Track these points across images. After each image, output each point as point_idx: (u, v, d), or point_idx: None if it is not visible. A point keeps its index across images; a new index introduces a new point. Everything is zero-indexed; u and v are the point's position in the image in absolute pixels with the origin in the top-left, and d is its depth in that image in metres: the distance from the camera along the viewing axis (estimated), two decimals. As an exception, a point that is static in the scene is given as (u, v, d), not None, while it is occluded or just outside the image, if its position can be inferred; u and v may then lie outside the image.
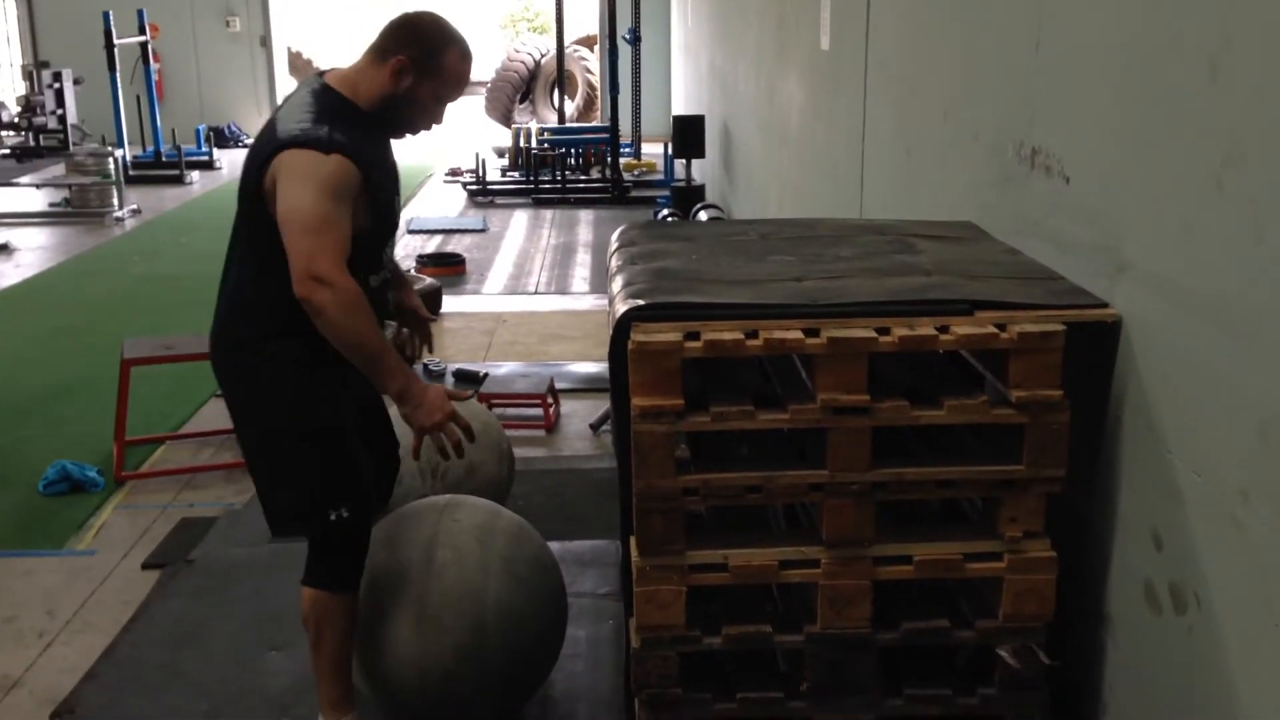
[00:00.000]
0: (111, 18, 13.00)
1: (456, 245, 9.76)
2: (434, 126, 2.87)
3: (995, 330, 2.25)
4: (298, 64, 18.25)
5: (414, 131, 2.87)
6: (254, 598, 3.81)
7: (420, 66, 2.73)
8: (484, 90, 18.06)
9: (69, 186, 11.35)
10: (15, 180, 12.25)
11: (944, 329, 2.27)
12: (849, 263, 2.71)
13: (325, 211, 2.58)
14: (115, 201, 11.10)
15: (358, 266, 2.66)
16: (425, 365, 5.85)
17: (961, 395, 2.32)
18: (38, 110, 13.49)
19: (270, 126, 2.74)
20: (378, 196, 2.74)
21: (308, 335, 2.66)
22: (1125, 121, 2.24)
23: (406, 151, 13.78)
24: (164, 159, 13.62)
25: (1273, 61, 1.76)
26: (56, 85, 13.48)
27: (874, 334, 2.26)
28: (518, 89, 17.91)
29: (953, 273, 2.54)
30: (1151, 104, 2.13)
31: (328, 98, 2.73)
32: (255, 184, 2.69)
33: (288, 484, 2.84)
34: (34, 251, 9.65)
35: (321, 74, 2.81)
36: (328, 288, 2.54)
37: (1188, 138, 2.00)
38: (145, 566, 4.10)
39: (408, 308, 3.20)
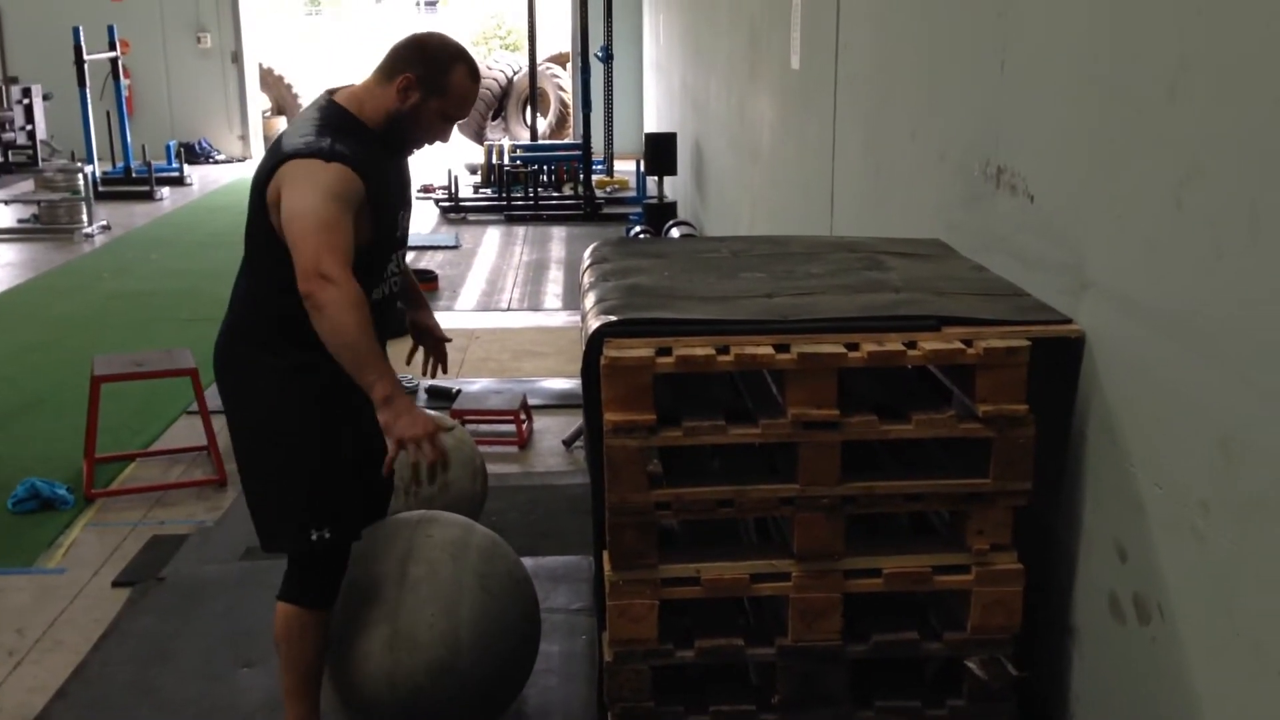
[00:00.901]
0: (82, 33, 12.94)
1: (429, 262, 9.76)
2: (439, 143, 2.91)
3: (962, 346, 2.29)
4: (269, 80, 18.20)
5: (419, 147, 2.90)
6: (225, 615, 3.80)
7: (427, 84, 2.76)
8: (456, 107, 18.03)
9: (38, 203, 11.27)
10: (-17, 196, 12.16)
11: (912, 344, 2.31)
12: (819, 279, 2.74)
13: (331, 213, 2.60)
14: (85, 218, 11.04)
15: (360, 279, 2.68)
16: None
17: (930, 410, 2.35)
18: (6, 126, 13.41)
19: (277, 142, 2.79)
20: (380, 209, 2.76)
21: (304, 349, 2.67)
22: (1088, 141, 2.29)
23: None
24: (134, 175, 13.55)
25: (1228, 83, 1.81)
26: (26, 101, 13.41)
27: (844, 350, 2.29)
28: (490, 106, 17.93)
29: (921, 289, 2.58)
30: (1113, 124, 2.18)
31: (332, 112, 2.78)
32: (260, 197, 2.72)
33: (275, 498, 2.85)
34: (2, 268, 9.58)
35: (331, 92, 2.85)
36: (332, 285, 2.55)
37: (1148, 157, 2.05)
38: (116, 584, 4.08)
39: (423, 327, 3.23)
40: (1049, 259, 2.48)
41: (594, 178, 12.54)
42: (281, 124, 17.95)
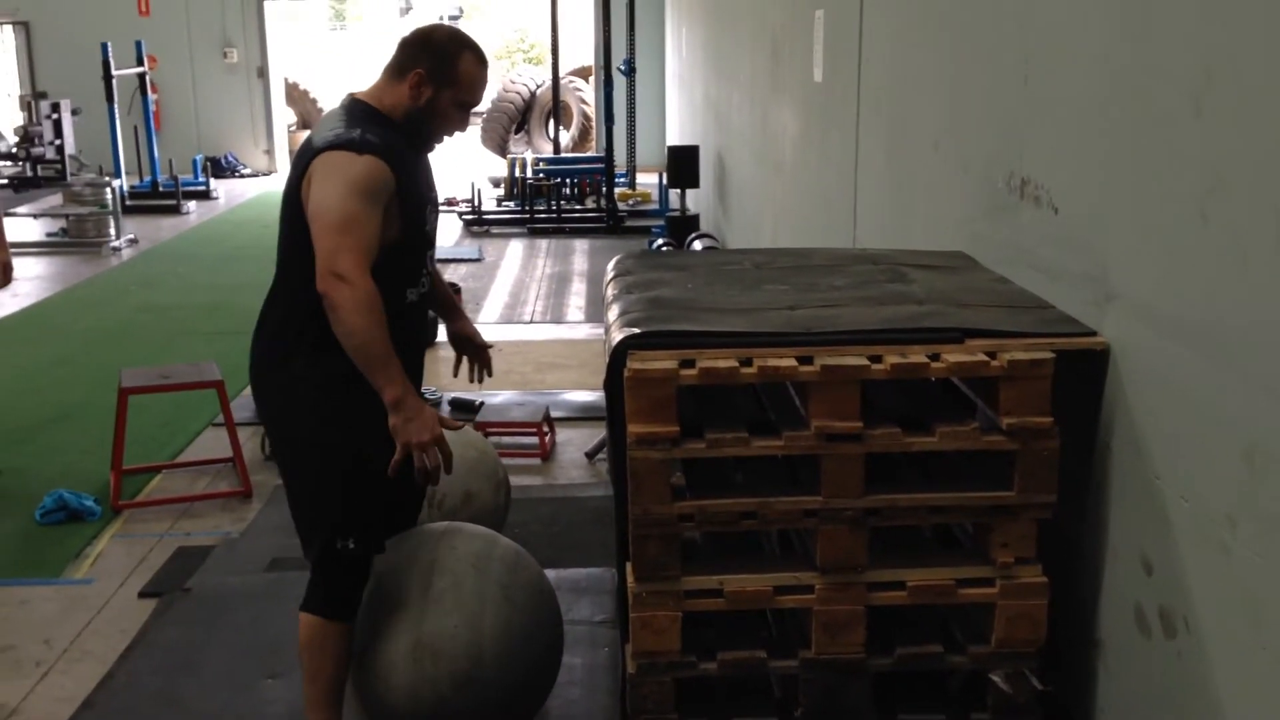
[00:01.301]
0: (110, 49, 13.09)
1: (452, 274, 9.80)
2: (457, 133, 2.95)
3: (986, 358, 2.29)
4: (295, 95, 18.34)
5: (439, 140, 2.94)
6: (251, 626, 3.82)
7: (437, 76, 2.80)
8: (480, 121, 18.16)
9: (66, 216, 11.39)
10: (13, 210, 12.28)
11: (936, 357, 2.31)
12: (842, 292, 2.75)
13: (353, 210, 2.63)
14: (112, 231, 11.15)
15: (395, 279, 2.69)
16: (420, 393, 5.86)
17: (953, 422, 2.35)
18: (35, 140, 13.53)
19: (307, 142, 2.83)
20: (409, 203, 2.79)
21: (339, 357, 2.69)
22: (1112, 153, 2.28)
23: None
24: (161, 189, 13.67)
25: (1253, 95, 1.80)
26: (54, 116, 13.54)
27: (867, 362, 2.29)
28: (513, 119, 18.01)
29: (944, 301, 2.58)
30: (1138, 136, 2.18)
31: (358, 108, 2.83)
32: (294, 194, 2.76)
33: (308, 505, 2.88)
34: (31, 281, 9.68)
35: (352, 94, 2.89)
36: (347, 285, 2.58)
37: (1173, 169, 2.05)
38: (142, 595, 4.11)
39: (464, 335, 3.25)
40: (1073, 271, 2.47)
41: (616, 190, 12.56)
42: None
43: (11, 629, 3.91)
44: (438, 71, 2.80)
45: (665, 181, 11.45)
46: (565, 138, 17.08)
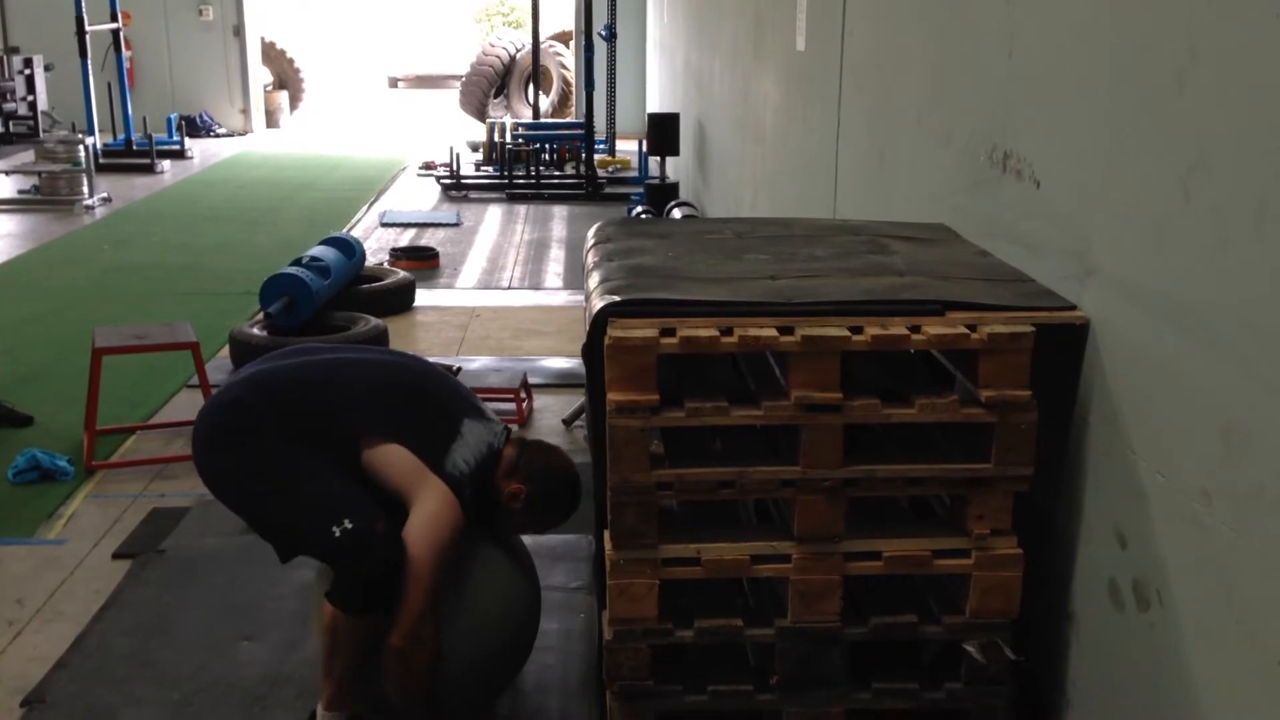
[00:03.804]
0: (84, 4, 12.88)
1: (430, 239, 9.75)
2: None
3: (966, 331, 2.29)
4: (271, 54, 18.12)
5: (488, 523, 3.02)
6: (225, 588, 3.81)
7: (532, 504, 2.97)
8: (458, 84, 18.01)
9: (39, 174, 11.24)
10: (-16, 166, 12.13)
11: (916, 329, 2.31)
12: (823, 262, 2.75)
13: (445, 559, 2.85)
14: (85, 189, 11.01)
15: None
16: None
17: (932, 394, 2.36)
18: (8, 96, 13.36)
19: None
20: None
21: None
22: (1095, 129, 2.29)
23: (378, 145, 13.63)
24: (135, 147, 13.51)
25: (1237, 74, 1.81)
26: (27, 71, 13.37)
27: (847, 333, 2.30)
28: (492, 84, 17.88)
29: (925, 274, 2.58)
30: (1121, 112, 2.18)
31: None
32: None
33: (289, 521, 2.82)
34: (2, 239, 9.56)
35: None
36: (427, 650, 2.82)
37: (1156, 146, 2.05)
38: (116, 556, 4.09)
39: None
40: (1054, 245, 2.48)
41: (596, 157, 12.51)
42: (283, 98, 17.92)
43: (-17, 589, 3.89)
44: (538, 501, 2.96)
45: (645, 149, 11.40)
46: (545, 103, 16.97)
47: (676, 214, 8.79)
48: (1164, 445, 2.05)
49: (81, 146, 11.19)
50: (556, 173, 12.65)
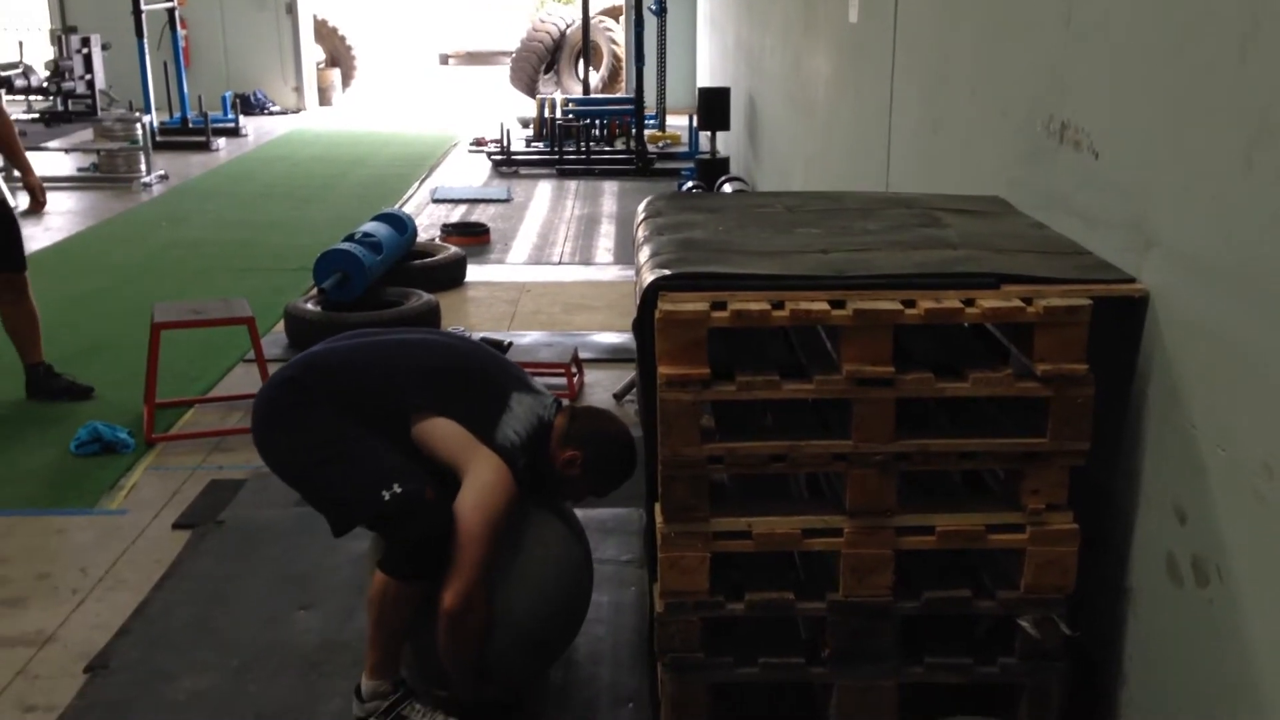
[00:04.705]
0: (140, -17, 13.03)
1: (481, 215, 9.78)
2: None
3: (1021, 304, 2.27)
4: (323, 32, 18.23)
5: (545, 489, 3.05)
6: (282, 558, 3.87)
7: (589, 470, 3.01)
8: (509, 60, 18.03)
9: (97, 152, 11.42)
10: (44, 145, 12.32)
11: (970, 302, 2.29)
12: (875, 236, 2.73)
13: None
14: (143, 167, 11.17)
15: None
16: (449, 331, 5.89)
17: (986, 368, 2.34)
18: (66, 75, 13.53)
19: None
20: None
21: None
22: (1156, 98, 2.24)
23: (430, 122, 13.64)
24: (191, 125, 13.67)
25: (1306, 38, 1.76)
26: (84, 50, 13.52)
27: (900, 306, 2.28)
28: (543, 59, 17.87)
29: (979, 246, 2.55)
30: (1182, 81, 2.14)
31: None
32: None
33: (337, 487, 2.85)
34: (63, 216, 9.72)
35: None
36: (476, 616, 2.84)
37: (1218, 115, 2.01)
38: (176, 526, 4.16)
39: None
40: (1113, 217, 2.44)
41: (646, 132, 12.47)
42: (335, 76, 18.03)
43: (49, 557, 3.98)
44: (593, 468, 3.00)
45: (695, 124, 11.35)
46: (595, 78, 16.93)
47: (727, 189, 8.75)
48: (1225, 419, 2.02)
49: (139, 125, 11.34)
50: (607, 148, 12.62)
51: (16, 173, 5.50)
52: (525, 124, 14.02)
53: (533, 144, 13.10)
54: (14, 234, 5.26)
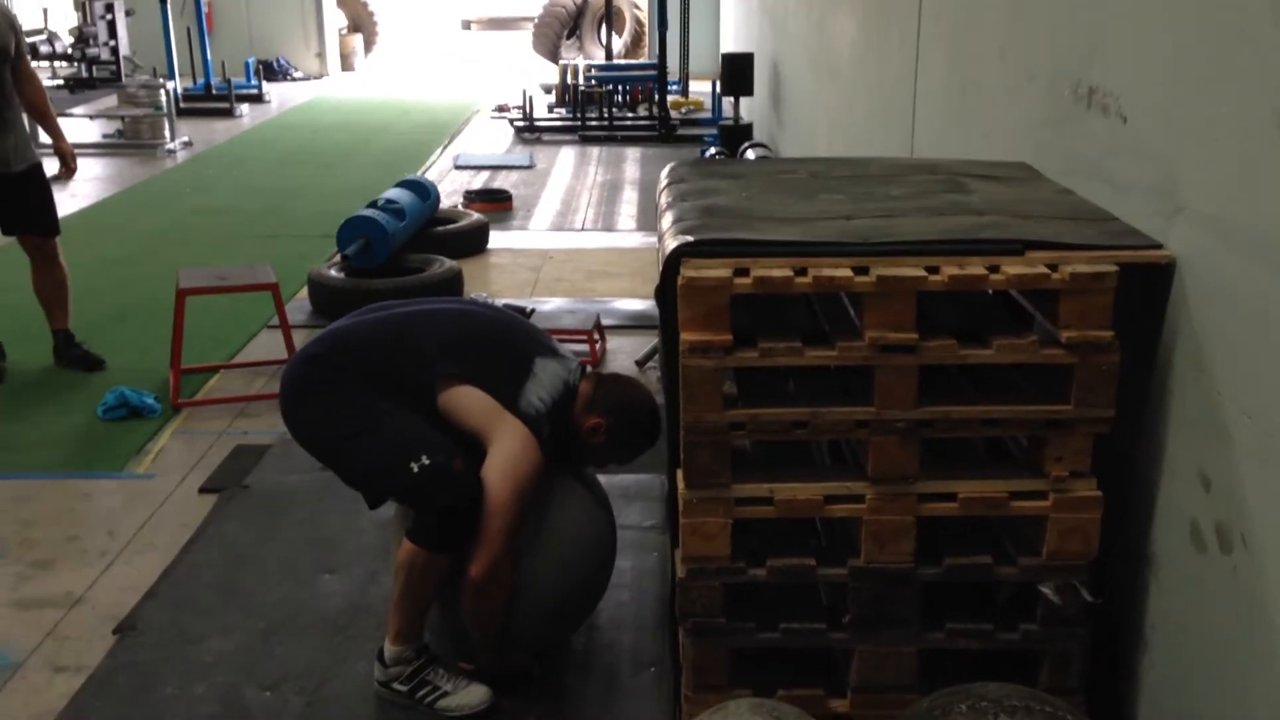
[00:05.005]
0: (162, -51, 13.02)
1: (503, 181, 9.77)
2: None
3: (1047, 270, 2.25)
4: (346, -2, 18.20)
5: (568, 454, 3.07)
6: (307, 522, 3.91)
7: (613, 436, 3.03)
8: (531, 26, 17.94)
9: (122, 118, 11.46)
10: (69, 111, 12.38)
11: (994, 269, 2.28)
12: (900, 202, 2.71)
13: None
14: (167, 134, 11.21)
15: None
16: (472, 298, 5.90)
17: (1010, 335, 2.33)
18: (90, 41, 13.58)
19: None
20: None
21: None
22: (1185, 61, 2.21)
23: (452, 88, 13.69)
24: (214, 92, 13.70)
25: (1340, 0, 1.73)
26: (108, 17, 13.56)
27: (924, 273, 2.27)
28: (565, 25, 17.78)
29: (1005, 213, 2.53)
30: (1212, 44, 2.11)
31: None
32: None
33: (365, 459, 2.87)
34: (89, 182, 9.78)
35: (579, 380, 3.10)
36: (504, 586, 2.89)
37: (1248, 79, 1.98)
38: (202, 490, 4.21)
39: None
40: (1140, 182, 2.41)
41: (669, 98, 12.41)
42: (357, 42, 18.00)
43: (77, 520, 4.03)
44: (618, 433, 3.02)
45: (719, 89, 11.28)
46: (617, 44, 16.84)
47: (750, 155, 8.71)
48: (1252, 386, 2.00)
49: (162, 91, 11.38)
50: (629, 114, 12.58)
51: (45, 138, 5.53)
52: (547, 90, 13.99)
53: (555, 110, 13.07)
54: (47, 197, 5.30)
